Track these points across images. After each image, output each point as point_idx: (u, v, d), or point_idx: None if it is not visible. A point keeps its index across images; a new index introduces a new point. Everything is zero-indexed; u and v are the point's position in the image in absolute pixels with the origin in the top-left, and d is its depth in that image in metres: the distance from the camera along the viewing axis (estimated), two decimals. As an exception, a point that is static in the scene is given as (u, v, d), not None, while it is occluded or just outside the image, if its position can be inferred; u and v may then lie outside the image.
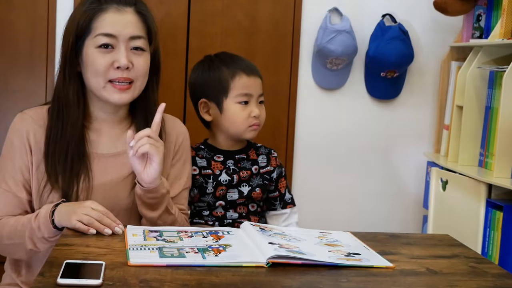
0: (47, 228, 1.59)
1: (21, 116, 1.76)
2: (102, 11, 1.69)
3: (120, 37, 1.68)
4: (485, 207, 2.47)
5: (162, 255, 1.34)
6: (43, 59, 2.91)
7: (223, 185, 1.95)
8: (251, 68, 1.98)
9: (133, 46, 1.70)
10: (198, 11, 2.99)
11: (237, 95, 1.94)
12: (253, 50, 3.01)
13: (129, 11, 1.71)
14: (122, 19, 1.69)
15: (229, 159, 1.99)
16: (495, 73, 2.64)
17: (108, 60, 1.68)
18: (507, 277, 1.36)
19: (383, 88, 3.11)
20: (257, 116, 1.95)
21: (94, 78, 1.70)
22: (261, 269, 1.32)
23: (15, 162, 1.71)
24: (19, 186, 1.71)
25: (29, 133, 1.72)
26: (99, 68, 1.68)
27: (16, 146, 1.72)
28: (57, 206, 1.61)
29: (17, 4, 2.89)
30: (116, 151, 1.77)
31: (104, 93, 1.70)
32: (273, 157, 2.04)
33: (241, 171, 1.98)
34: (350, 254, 1.43)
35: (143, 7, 1.75)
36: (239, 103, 1.94)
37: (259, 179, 2.00)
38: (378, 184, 3.20)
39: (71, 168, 1.69)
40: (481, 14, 2.91)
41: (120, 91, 1.70)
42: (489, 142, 2.66)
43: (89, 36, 1.69)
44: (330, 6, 3.04)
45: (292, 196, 2.07)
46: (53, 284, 1.16)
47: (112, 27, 1.68)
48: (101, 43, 1.68)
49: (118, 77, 1.68)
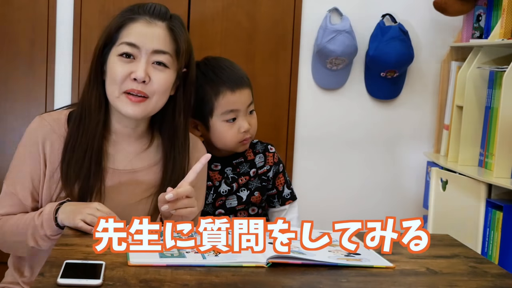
0: (50, 226, 1.59)
1: (40, 122, 1.71)
2: (133, 20, 1.66)
3: (143, 48, 1.64)
4: (485, 207, 2.47)
5: (162, 255, 1.34)
6: (43, 59, 2.91)
7: (222, 196, 1.93)
8: (236, 81, 1.89)
9: (156, 60, 1.65)
10: (198, 11, 2.99)
11: (223, 113, 1.87)
12: (253, 50, 3.01)
13: (159, 25, 1.67)
14: (150, 32, 1.65)
15: (227, 166, 1.95)
16: (495, 73, 2.64)
17: (126, 69, 1.64)
18: (507, 277, 1.36)
19: (383, 88, 3.12)
20: (247, 131, 1.90)
21: (110, 86, 1.66)
22: (261, 269, 1.32)
23: (26, 168, 1.69)
24: (26, 193, 1.69)
25: (45, 142, 1.68)
26: (116, 76, 1.64)
27: (30, 153, 1.69)
28: (61, 205, 1.60)
29: (17, 4, 2.89)
30: (131, 168, 1.74)
31: (118, 103, 1.66)
32: (270, 154, 1.99)
33: (240, 177, 1.94)
34: (350, 254, 1.43)
35: (178, 24, 1.71)
36: (226, 121, 1.88)
37: (257, 181, 1.96)
38: (378, 184, 3.20)
39: (88, 179, 1.66)
40: (481, 14, 2.91)
41: (133, 103, 1.64)
42: (489, 142, 2.66)
43: (115, 44, 1.66)
44: (330, 6, 3.04)
45: (291, 191, 2.03)
46: (53, 284, 1.16)
47: (137, 37, 1.64)
48: (123, 51, 1.64)
49: (132, 88, 1.64)
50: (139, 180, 1.72)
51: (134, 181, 1.72)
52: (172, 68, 1.68)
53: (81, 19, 2.92)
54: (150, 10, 1.68)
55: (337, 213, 3.15)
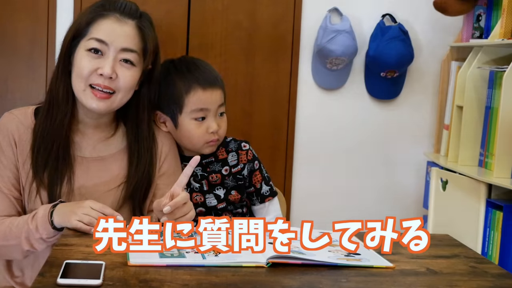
0: (45, 229, 1.59)
1: (8, 116, 1.76)
2: (103, 17, 1.68)
3: (111, 45, 1.67)
4: (485, 207, 2.47)
5: (162, 255, 1.34)
6: (43, 59, 2.91)
7: (196, 192, 1.90)
8: (209, 80, 1.85)
9: (123, 58, 1.68)
10: (198, 11, 2.99)
11: (192, 111, 1.84)
12: (253, 50, 3.01)
13: (129, 23, 1.70)
14: (119, 29, 1.68)
15: (196, 166, 1.86)
16: (495, 73, 2.64)
17: (93, 65, 1.67)
18: (507, 277, 1.36)
19: (383, 88, 3.12)
20: (215, 132, 1.86)
21: (76, 79, 1.69)
22: (261, 269, 1.32)
23: (2, 161, 1.72)
24: (7, 184, 1.71)
25: (14, 133, 1.72)
26: (83, 71, 1.67)
27: (3, 146, 1.72)
28: (55, 207, 1.60)
29: (17, 4, 2.89)
30: (97, 155, 1.77)
31: (83, 96, 1.69)
32: (243, 152, 1.94)
33: (210, 175, 1.91)
34: (350, 254, 1.43)
35: (147, 23, 1.73)
36: (195, 119, 1.84)
37: (232, 180, 1.93)
38: (378, 184, 3.20)
39: (56, 166, 1.70)
40: (481, 14, 2.91)
41: (98, 99, 1.68)
42: (489, 142, 2.66)
43: (84, 38, 1.69)
44: (330, 6, 3.04)
45: (270, 187, 1.98)
46: (53, 284, 1.17)
47: (106, 34, 1.67)
48: (91, 47, 1.67)
49: (99, 83, 1.67)
50: (107, 167, 1.75)
51: (102, 168, 1.75)
52: (138, 66, 1.71)
53: (81, 19, 2.91)
54: (121, 7, 1.70)
55: (337, 212, 3.15)
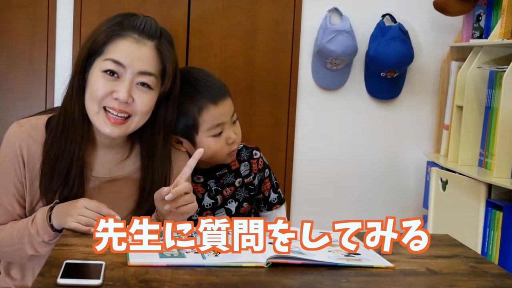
0: (46, 232, 1.58)
1: (17, 128, 1.67)
2: (121, 37, 1.59)
3: (128, 68, 1.58)
4: (485, 207, 2.47)
5: (162, 255, 1.34)
6: (43, 59, 2.92)
7: (207, 210, 1.87)
8: (218, 93, 1.78)
9: (140, 81, 1.59)
10: (198, 11, 2.99)
11: (209, 129, 1.77)
12: (253, 50, 3.01)
13: (148, 45, 1.61)
14: (137, 52, 1.59)
15: (210, 178, 1.86)
16: (495, 73, 2.64)
17: (109, 87, 1.58)
18: (507, 277, 1.36)
19: (383, 88, 3.12)
20: (235, 141, 1.82)
21: (90, 101, 1.60)
22: (261, 269, 1.32)
23: (8, 175, 1.65)
24: (11, 199, 1.66)
25: (23, 147, 1.64)
26: (97, 93, 1.58)
27: (9, 160, 1.65)
28: (52, 209, 1.59)
29: (17, 4, 2.89)
30: (110, 176, 1.70)
31: (96, 120, 1.61)
32: (254, 161, 1.91)
33: (224, 189, 1.88)
34: (350, 254, 1.43)
35: (166, 44, 1.65)
36: (213, 136, 1.78)
37: (244, 191, 1.90)
38: (378, 184, 3.20)
39: (70, 189, 1.62)
40: (481, 14, 2.91)
41: (112, 124, 1.60)
42: (489, 142, 2.66)
43: (99, 57, 1.60)
44: (330, 6, 3.04)
45: (278, 195, 1.96)
46: (53, 284, 1.16)
47: (124, 56, 1.58)
48: (107, 68, 1.58)
49: (114, 107, 1.59)
50: (119, 189, 1.69)
51: (114, 190, 1.69)
52: (155, 89, 1.63)
53: (81, 19, 2.92)
54: (140, 27, 1.61)
55: (337, 212, 3.15)
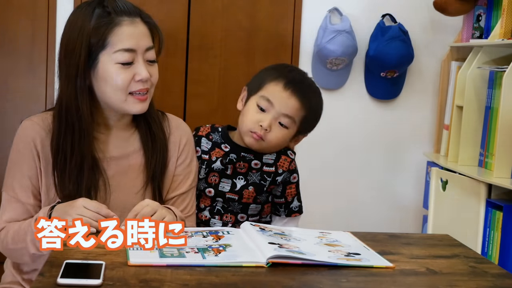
0: None
1: (27, 122, 1.73)
2: (116, 25, 1.65)
3: (138, 50, 1.66)
4: (485, 207, 2.47)
5: (162, 255, 1.34)
6: (43, 59, 2.92)
7: (215, 171, 1.89)
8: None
9: (148, 59, 1.69)
10: (198, 11, 2.99)
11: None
12: (253, 50, 3.01)
13: (138, 22, 1.69)
14: (137, 31, 1.67)
15: (234, 152, 1.90)
16: (495, 73, 2.64)
17: (129, 75, 1.66)
18: (507, 277, 1.36)
19: (383, 88, 3.12)
20: (262, 127, 1.84)
21: (114, 93, 1.67)
22: (261, 269, 1.32)
23: (23, 169, 1.69)
24: (26, 193, 1.69)
25: (36, 139, 1.69)
26: (121, 83, 1.66)
27: (23, 153, 1.70)
28: (53, 209, 1.60)
29: (17, 4, 2.89)
30: (124, 152, 1.76)
31: (125, 106, 1.69)
32: (285, 157, 1.92)
33: (238, 162, 1.89)
34: (350, 254, 1.43)
35: (147, 15, 1.73)
36: (256, 105, 1.87)
37: (257, 176, 1.90)
38: (378, 184, 3.20)
39: (88, 184, 1.68)
40: (481, 14, 2.91)
41: (140, 101, 1.70)
42: (489, 142, 2.66)
43: (104, 51, 1.65)
44: (330, 6, 3.04)
45: (300, 204, 1.99)
46: (53, 284, 1.17)
47: (130, 41, 1.65)
48: (123, 60, 1.65)
49: (139, 88, 1.68)
50: (131, 164, 1.76)
51: (127, 166, 1.75)
52: (156, 59, 1.74)
53: (81, 19, 2.91)
54: (124, 8, 1.68)
55: (337, 212, 3.15)
